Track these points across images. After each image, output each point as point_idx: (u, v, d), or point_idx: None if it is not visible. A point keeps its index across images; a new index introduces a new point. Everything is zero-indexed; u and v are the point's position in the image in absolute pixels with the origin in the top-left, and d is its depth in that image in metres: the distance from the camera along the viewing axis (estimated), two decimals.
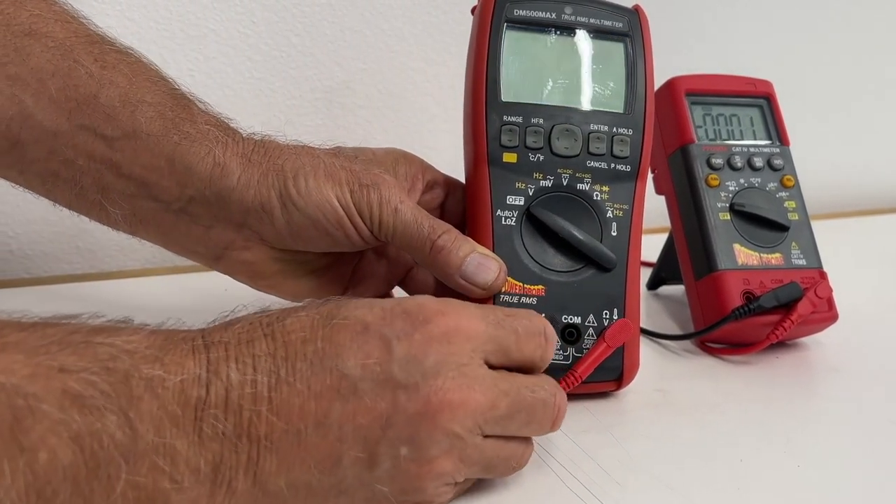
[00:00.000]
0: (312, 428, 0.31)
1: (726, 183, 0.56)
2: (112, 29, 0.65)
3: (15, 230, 0.67)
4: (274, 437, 0.30)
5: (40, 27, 0.39)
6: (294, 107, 0.74)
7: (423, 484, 0.33)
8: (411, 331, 0.33)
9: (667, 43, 0.85)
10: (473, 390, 0.33)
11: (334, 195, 0.42)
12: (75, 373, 0.27)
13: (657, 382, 0.50)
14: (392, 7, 0.75)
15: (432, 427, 0.32)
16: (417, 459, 0.32)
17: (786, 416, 0.47)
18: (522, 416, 0.35)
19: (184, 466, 0.29)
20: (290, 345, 0.32)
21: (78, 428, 0.26)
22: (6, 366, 0.26)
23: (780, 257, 0.55)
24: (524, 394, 0.35)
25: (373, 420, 0.31)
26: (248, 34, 0.71)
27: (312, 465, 0.31)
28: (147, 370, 0.29)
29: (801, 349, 0.56)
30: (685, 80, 0.59)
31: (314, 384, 0.31)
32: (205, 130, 0.42)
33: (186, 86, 0.69)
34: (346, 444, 0.31)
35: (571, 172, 0.46)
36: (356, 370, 0.31)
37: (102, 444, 0.27)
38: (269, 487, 0.31)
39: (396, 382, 0.32)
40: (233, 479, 0.30)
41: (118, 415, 0.27)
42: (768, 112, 0.60)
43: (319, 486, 0.32)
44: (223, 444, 0.30)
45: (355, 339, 0.32)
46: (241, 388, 0.30)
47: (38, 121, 0.39)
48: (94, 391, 0.27)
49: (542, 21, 0.46)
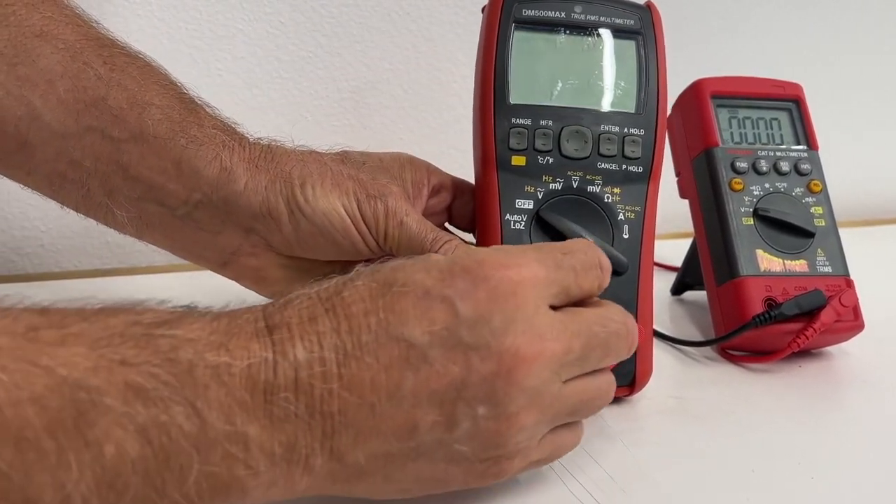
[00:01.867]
0: (385, 399, 0.30)
1: (751, 187, 0.55)
2: (142, 29, 0.67)
3: (47, 224, 0.69)
4: (348, 412, 0.30)
5: (51, 29, 0.40)
6: (321, 107, 0.75)
7: (504, 440, 0.32)
8: (473, 289, 0.32)
9: (692, 43, 0.84)
10: (545, 340, 0.32)
11: (341, 204, 0.42)
12: (136, 366, 0.27)
13: (673, 389, 0.49)
14: (419, 7, 0.75)
15: (508, 384, 0.32)
16: (496, 417, 0.32)
17: (803, 427, 0.45)
18: (598, 353, 0.35)
19: (257, 451, 0.29)
20: (353, 317, 0.31)
21: (143, 420, 0.26)
22: (68, 359, 0.26)
23: (804, 264, 0.53)
24: (595, 330, 0.34)
25: (447, 384, 0.31)
26: (276, 34, 0.72)
27: (389, 434, 0.31)
28: (212, 358, 0.28)
29: (825, 358, 0.55)
30: (711, 83, 0.58)
31: (382, 356, 0.30)
32: (212, 134, 0.42)
33: (215, 86, 0.71)
34: (421, 411, 0.31)
35: (582, 175, 0.45)
36: (424, 338, 0.31)
37: (170, 435, 0.27)
38: (348, 460, 0.31)
39: (466, 345, 0.31)
40: (309, 456, 0.30)
41: (184, 405, 0.27)
42: (797, 115, 0.58)
43: (398, 453, 0.31)
44: (296, 425, 0.29)
45: (418, 304, 0.31)
46: (310, 366, 0.30)
47: (46, 122, 0.40)
48: (157, 383, 0.27)
49: (551, 21, 0.46)
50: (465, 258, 0.33)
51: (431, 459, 0.32)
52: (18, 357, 0.25)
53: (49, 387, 0.25)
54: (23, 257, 0.70)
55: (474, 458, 0.32)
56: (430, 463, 0.32)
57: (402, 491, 0.33)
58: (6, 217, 0.68)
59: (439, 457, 0.32)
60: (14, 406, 0.24)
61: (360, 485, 0.32)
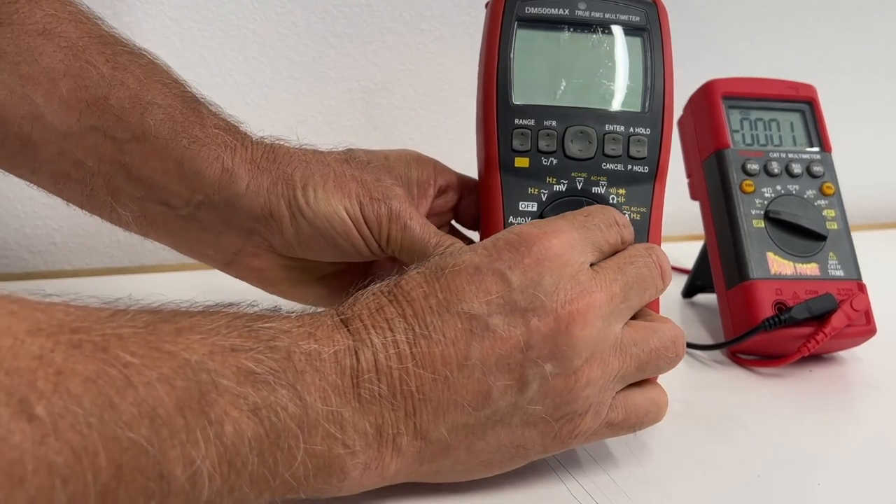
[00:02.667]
0: (457, 371, 0.33)
1: (762, 189, 0.54)
2: (154, 29, 0.68)
3: (59, 223, 0.70)
4: (425, 388, 0.33)
5: (54, 27, 0.40)
6: (332, 107, 0.75)
7: (574, 395, 0.34)
8: (520, 258, 0.34)
9: (707, 44, 0.83)
10: (592, 292, 0.35)
11: (343, 207, 0.42)
12: (244, 351, 0.29)
13: (681, 392, 0.48)
14: (430, 8, 0.75)
15: (569, 337, 0.34)
16: (564, 372, 0.34)
17: (812, 432, 0.45)
18: (636, 290, 0.37)
19: (352, 431, 0.31)
20: (415, 302, 0.34)
21: (255, 401, 0.28)
22: (187, 345, 0.28)
23: (815, 267, 0.53)
24: (627, 269, 0.37)
25: (512, 348, 0.33)
26: (288, 35, 0.72)
27: (466, 404, 0.33)
28: (305, 346, 0.31)
29: (836, 363, 0.54)
30: (723, 83, 0.57)
31: (448, 332, 0.33)
32: (213, 134, 0.42)
33: (226, 85, 0.71)
34: (492, 377, 0.33)
35: (586, 176, 0.45)
36: (482, 308, 0.33)
37: (279, 415, 0.29)
38: (431, 436, 0.33)
39: (523, 309, 0.34)
40: (396, 436, 0.33)
41: (288, 388, 0.29)
42: (810, 117, 0.58)
43: (477, 423, 0.34)
44: (382, 406, 0.32)
45: (471, 280, 0.34)
46: (386, 350, 0.32)
47: (48, 121, 0.40)
48: (263, 368, 0.29)
49: (554, 18, 0.45)
50: (506, 234, 0.36)
51: (508, 425, 0.34)
52: (144, 344, 0.27)
53: (174, 368, 0.27)
54: (35, 255, 0.70)
55: (549, 417, 0.34)
56: (508, 428, 0.34)
57: (485, 464, 0.35)
58: (19, 216, 0.69)
59: (516, 421, 0.34)
60: (146, 386, 0.25)
61: (446, 461, 0.34)
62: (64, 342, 0.24)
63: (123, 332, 0.26)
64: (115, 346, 0.26)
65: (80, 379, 0.24)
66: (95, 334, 0.26)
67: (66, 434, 0.23)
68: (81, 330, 0.25)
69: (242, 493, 0.29)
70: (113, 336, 0.26)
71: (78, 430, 0.23)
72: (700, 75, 0.59)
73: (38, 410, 0.23)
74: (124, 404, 0.25)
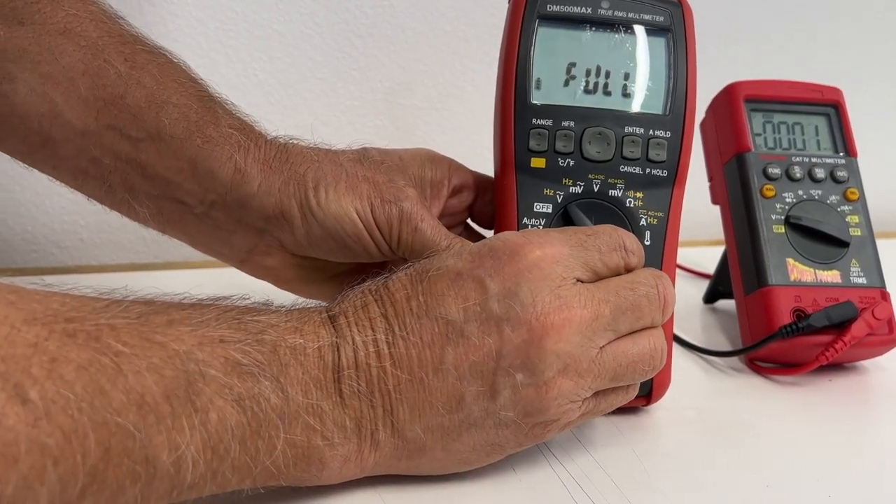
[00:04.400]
0: (432, 374, 0.34)
1: (783, 194, 0.54)
2: (180, 29, 0.68)
3: (86, 219, 0.71)
4: (401, 388, 0.33)
5: (75, 27, 0.41)
6: (355, 107, 0.75)
7: (545, 405, 0.35)
8: (500, 266, 0.35)
9: (732, 45, 0.82)
10: (572, 308, 0.35)
11: (354, 209, 0.42)
12: (233, 343, 0.30)
13: (693, 399, 0.48)
14: (454, 9, 0.75)
15: (541, 350, 0.34)
16: (534, 383, 0.34)
17: (825, 443, 0.44)
18: (629, 316, 0.36)
19: (331, 424, 0.32)
20: (397, 303, 0.35)
21: (239, 391, 0.30)
22: (177, 336, 0.29)
23: (837, 274, 0.52)
24: (624, 294, 0.36)
25: (484, 356, 0.34)
26: (312, 35, 0.72)
27: (440, 406, 0.34)
28: (291, 340, 0.32)
29: (858, 373, 0.53)
30: (745, 86, 0.57)
31: (424, 335, 0.34)
32: (227, 134, 0.42)
33: (250, 85, 0.72)
34: (465, 382, 0.34)
35: (603, 178, 0.44)
36: (458, 314, 0.34)
37: (261, 406, 0.30)
38: (408, 434, 0.34)
39: (498, 317, 0.34)
40: (374, 431, 0.34)
41: (271, 380, 0.31)
42: (835, 121, 0.57)
43: (451, 425, 0.34)
44: (361, 401, 0.33)
45: (451, 286, 0.35)
46: (366, 347, 0.33)
47: (67, 119, 0.41)
48: (249, 359, 0.30)
49: (576, 17, 0.45)
50: (493, 241, 0.36)
51: (482, 427, 0.35)
52: (136, 334, 0.28)
53: (163, 358, 0.28)
54: (63, 250, 0.71)
55: (521, 421, 0.35)
56: (482, 430, 0.35)
57: (462, 462, 0.36)
58: (47, 211, 0.70)
59: (489, 424, 0.35)
60: (136, 374, 0.27)
61: (423, 459, 0.35)
62: (59, 331, 0.26)
63: (116, 323, 0.28)
64: (107, 335, 0.27)
65: (73, 366, 0.25)
66: (89, 324, 0.27)
67: (57, 418, 0.24)
68: (76, 320, 0.27)
69: (225, 479, 0.30)
70: (106, 326, 0.27)
71: (69, 414, 0.24)
72: (724, 77, 0.58)
73: (31, 395, 0.24)
74: (114, 391, 0.26)
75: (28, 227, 0.70)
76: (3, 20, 0.40)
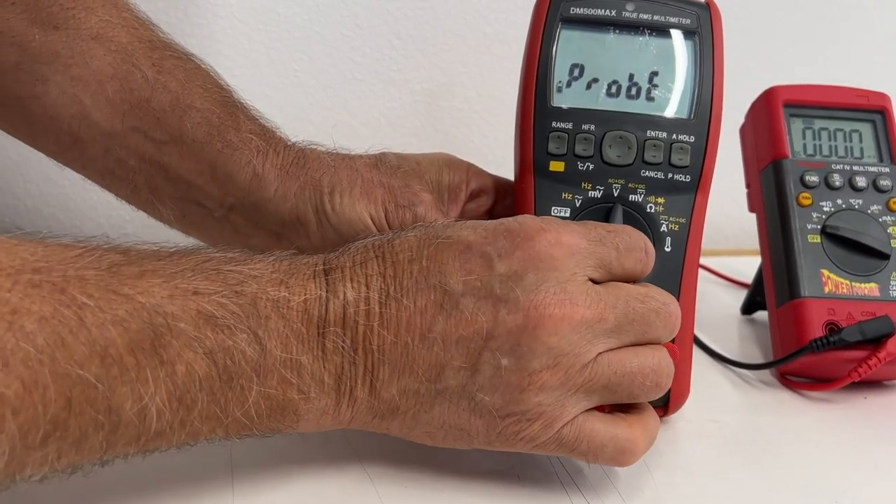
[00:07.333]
0: (418, 340, 0.33)
1: (820, 203, 0.52)
2: (224, 30, 0.70)
3: (130, 214, 0.72)
4: (385, 349, 0.33)
5: (107, 32, 0.42)
6: (394, 108, 0.76)
7: (524, 396, 0.33)
8: (512, 248, 0.34)
9: (769, 49, 0.80)
10: (576, 305, 0.33)
11: (368, 214, 0.42)
12: (207, 295, 0.30)
13: (716, 412, 0.47)
14: (495, 11, 0.74)
15: (533, 340, 0.33)
16: (518, 371, 0.33)
17: (849, 465, 0.42)
18: (635, 328, 0.35)
19: (309, 379, 0.32)
20: (398, 264, 0.34)
21: (211, 344, 0.30)
22: (146, 288, 0.29)
23: (874, 287, 0.50)
24: (633, 305, 0.35)
25: (474, 332, 0.33)
26: (352, 37, 0.73)
27: (420, 373, 0.33)
28: (273, 292, 0.32)
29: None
30: (785, 91, 0.55)
31: (419, 300, 0.33)
32: (247, 139, 0.43)
33: (291, 86, 0.73)
34: (449, 354, 0.33)
35: (624, 182, 0.43)
36: (458, 286, 0.33)
37: (234, 359, 0.30)
38: (383, 395, 0.34)
39: (496, 297, 0.33)
40: (353, 388, 0.33)
41: (248, 333, 0.30)
42: (881, 128, 0.54)
43: (427, 393, 0.34)
44: (343, 357, 0.33)
45: (458, 257, 0.34)
46: (356, 305, 0.33)
47: (94, 121, 0.42)
48: (224, 312, 0.30)
49: (600, 19, 0.44)
50: (511, 222, 0.35)
51: (456, 406, 0.34)
52: (102, 287, 0.28)
53: (130, 311, 0.28)
54: None
55: (496, 411, 0.34)
56: (455, 409, 0.34)
57: (426, 434, 0.35)
58: (94, 206, 0.73)
59: (464, 405, 0.34)
60: (99, 327, 0.27)
61: (394, 422, 0.35)
62: (23, 282, 0.26)
63: (86, 274, 0.28)
64: (73, 287, 0.27)
65: (35, 318, 0.25)
66: (56, 275, 0.27)
67: (17, 369, 0.25)
68: (43, 270, 0.27)
69: (194, 428, 0.30)
70: (74, 277, 0.27)
71: (29, 366, 0.25)
72: (765, 80, 0.56)
73: None
74: (76, 343, 0.26)
75: (76, 221, 0.73)
76: (39, 24, 0.41)
